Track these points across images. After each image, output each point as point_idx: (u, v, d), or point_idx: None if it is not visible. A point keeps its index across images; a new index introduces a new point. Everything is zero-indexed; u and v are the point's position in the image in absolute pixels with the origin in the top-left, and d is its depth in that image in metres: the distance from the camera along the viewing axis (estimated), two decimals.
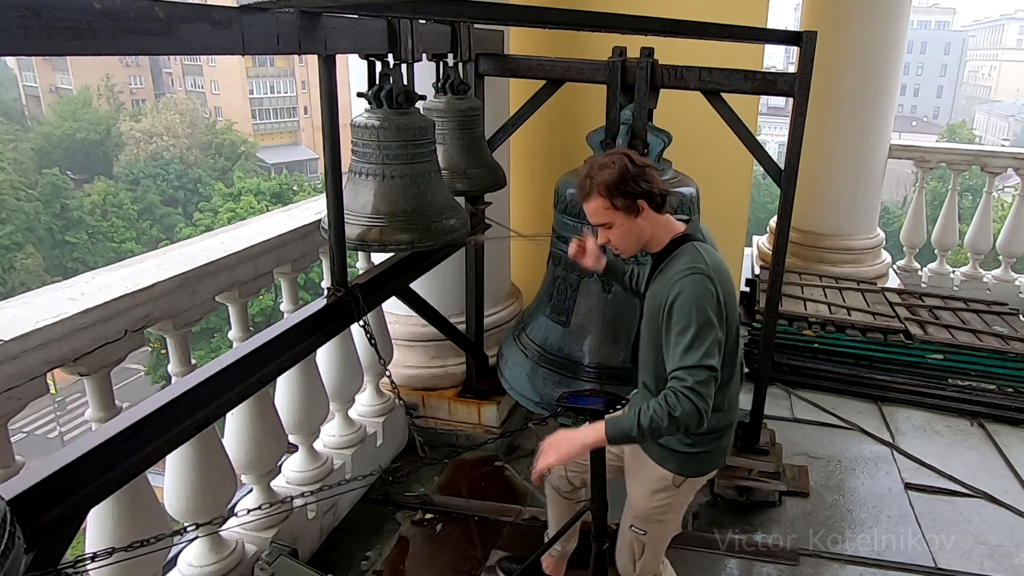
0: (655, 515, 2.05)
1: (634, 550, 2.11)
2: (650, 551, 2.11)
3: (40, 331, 1.60)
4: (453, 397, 3.53)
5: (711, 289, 1.76)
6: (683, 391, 1.67)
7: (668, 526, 2.10)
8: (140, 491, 1.91)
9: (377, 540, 2.87)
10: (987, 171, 5.67)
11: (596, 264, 2.26)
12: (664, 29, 2.49)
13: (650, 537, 2.08)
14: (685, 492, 2.04)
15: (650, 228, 1.87)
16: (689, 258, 1.81)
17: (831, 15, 5.21)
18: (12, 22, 1.14)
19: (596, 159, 1.89)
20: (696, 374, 1.68)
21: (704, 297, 1.74)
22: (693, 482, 2.03)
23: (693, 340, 1.70)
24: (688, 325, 1.71)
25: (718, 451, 2.02)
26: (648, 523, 2.07)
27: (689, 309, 1.73)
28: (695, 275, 1.76)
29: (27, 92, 45.64)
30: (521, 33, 3.64)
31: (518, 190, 3.77)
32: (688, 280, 1.76)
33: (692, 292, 1.74)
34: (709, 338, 1.71)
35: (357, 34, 2.01)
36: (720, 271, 1.82)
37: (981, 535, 2.98)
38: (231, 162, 38.85)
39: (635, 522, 2.09)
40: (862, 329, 4.28)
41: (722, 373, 1.81)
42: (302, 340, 2.13)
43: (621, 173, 1.79)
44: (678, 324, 1.73)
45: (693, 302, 1.73)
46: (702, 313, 1.72)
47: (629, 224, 1.85)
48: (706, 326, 1.71)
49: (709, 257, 1.82)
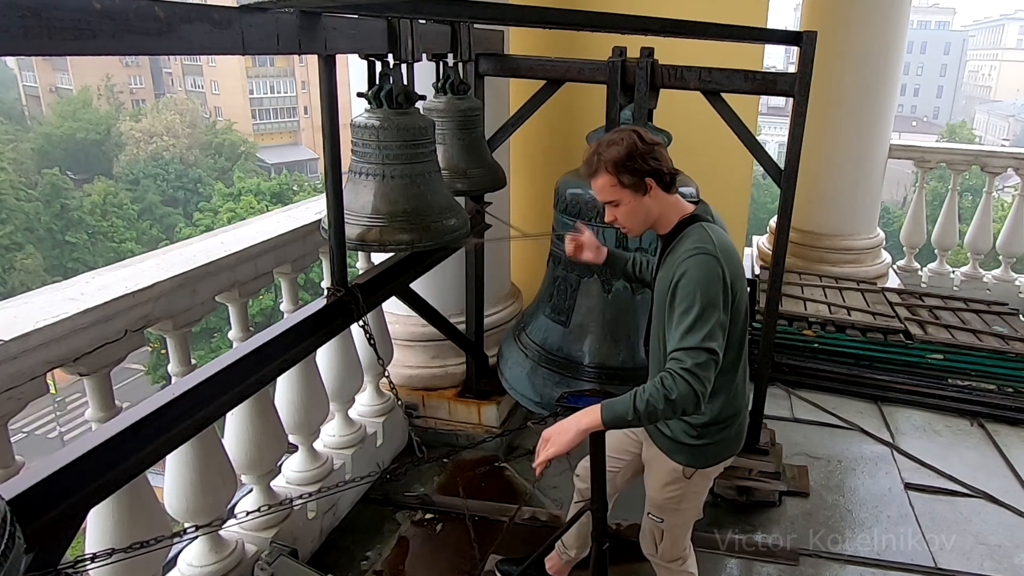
0: (669, 505, 2.06)
1: (655, 536, 2.14)
2: (669, 537, 2.12)
3: (40, 331, 1.59)
4: (453, 397, 3.53)
5: (717, 270, 1.72)
6: (680, 372, 1.63)
7: (685, 514, 2.10)
8: (140, 491, 1.91)
9: (377, 540, 2.87)
10: (987, 171, 5.67)
11: (596, 256, 2.23)
12: (664, 29, 2.49)
13: (668, 525, 2.09)
14: (698, 482, 2.03)
15: (658, 207, 1.84)
16: (696, 238, 1.78)
17: (831, 15, 5.21)
18: (12, 22, 1.13)
19: (605, 136, 1.86)
20: (695, 356, 1.64)
21: (709, 278, 1.71)
22: (705, 472, 2.02)
23: (695, 321, 1.67)
24: (691, 306, 1.68)
25: (727, 441, 1.99)
26: (664, 512, 2.08)
27: (693, 289, 1.70)
28: (701, 255, 1.73)
29: (27, 92, 45.64)
30: (521, 33, 3.64)
31: (518, 190, 3.77)
32: (694, 260, 1.73)
33: (697, 272, 1.71)
34: (712, 320, 1.67)
35: (357, 34, 2.01)
36: (728, 252, 1.78)
37: (981, 535, 2.98)
38: (231, 162, 38.84)
39: (652, 510, 2.11)
40: (862, 329, 4.28)
41: (726, 356, 1.78)
42: (302, 340, 2.12)
43: (629, 150, 1.76)
44: (681, 304, 1.70)
45: (697, 283, 1.70)
46: (706, 294, 1.69)
47: (636, 202, 1.81)
48: (709, 308, 1.68)
49: (717, 238, 1.78)
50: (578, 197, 2.76)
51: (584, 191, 2.73)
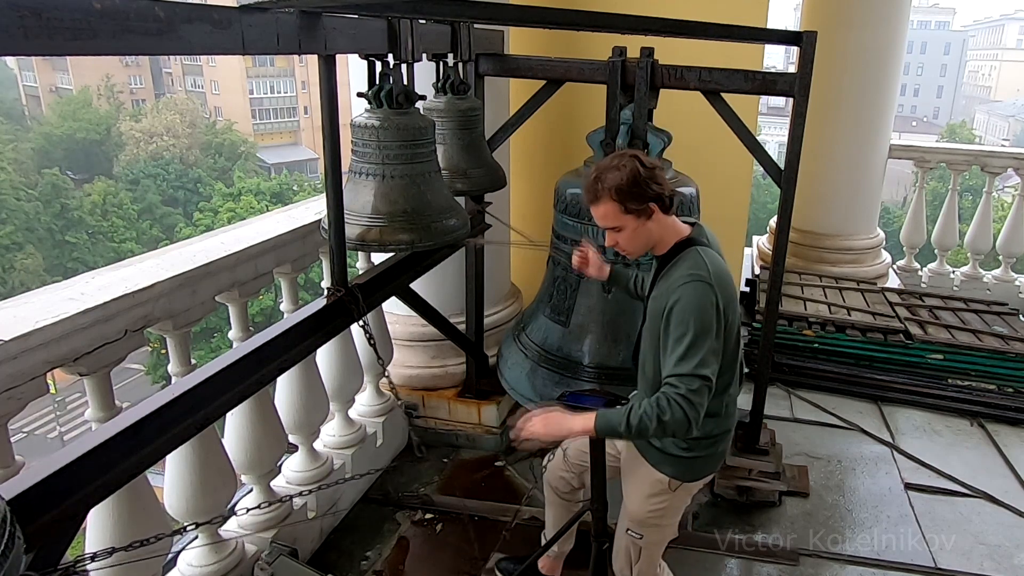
0: (651, 519, 2.05)
1: (630, 554, 2.11)
2: (646, 555, 2.10)
3: (40, 331, 1.59)
4: (453, 397, 3.53)
5: (711, 297, 1.74)
6: (675, 398, 1.67)
7: (664, 530, 2.10)
8: (140, 491, 1.91)
9: (377, 540, 2.87)
10: (987, 171, 5.66)
11: (599, 273, 2.28)
12: (664, 29, 2.49)
13: (646, 541, 2.08)
14: (681, 496, 2.04)
15: (658, 230, 1.85)
16: (691, 264, 1.80)
17: (831, 15, 5.21)
18: (12, 22, 1.13)
19: (603, 162, 1.86)
20: (689, 383, 1.68)
21: (703, 306, 1.73)
22: (689, 486, 2.03)
23: (689, 348, 1.70)
24: (685, 333, 1.71)
25: (714, 456, 2.02)
26: (644, 527, 2.06)
27: (687, 317, 1.72)
28: (696, 282, 1.75)
29: (27, 92, 45.64)
30: (521, 33, 3.64)
31: (518, 190, 3.77)
32: (689, 287, 1.75)
33: (691, 300, 1.73)
34: (705, 347, 1.70)
35: (357, 34, 2.00)
36: (722, 278, 1.80)
37: (981, 535, 2.98)
38: (231, 162, 38.84)
39: (631, 526, 2.08)
40: (862, 329, 4.28)
41: (720, 379, 1.80)
42: (302, 340, 2.12)
43: (633, 176, 1.76)
44: (676, 331, 1.73)
45: (692, 310, 1.72)
46: (699, 322, 1.71)
47: (639, 227, 1.82)
48: (702, 335, 1.71)
49: (712, 264, 1.80)
50: (578, 197, 2.76)
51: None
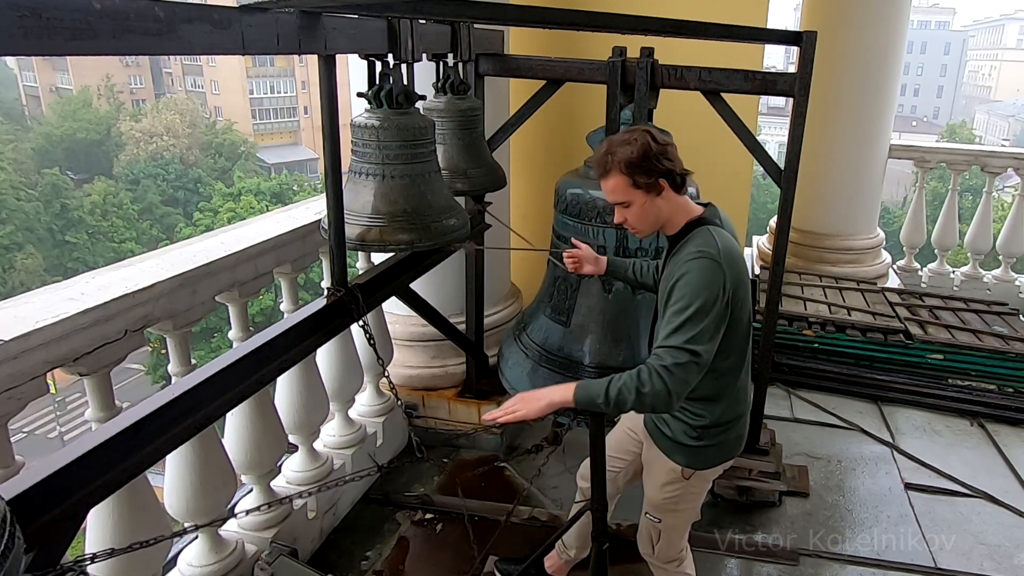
0: (667, 505, 2.06)
1: (651, 536, 2.14)
2: (666, 538, 2.12)
3: (40, 331, 1.59)
4: (453, 397, 3.53)
5: (718, 274, 1.72)
6: (658, 369, 1.63)
7: (682, 515, 2.11)
8: (140, 491, 1.91)
9: (377, 540, 2.87)
10: (987, 171, 5.66)
11: (596, 267, 2.27)
12: (664, 29, 2.49)
13: (665, 525, 2.09)
14: (696, 484, 2.03)
15: (668, 208, 1.83)
16: (701, 241, 1.77)
17: (831, 15, 5.21)
18: (12, 22, 1.13)
19: (616, 136, 1.84)
20: (676, 355, 1.64)
21: (708, 282, 1.70)
22: (704, 474, 2.02)
23: (685, 322, 1.67)
24: (684, 306, 1.68)
25: (727, 444, 1.99)
26: (661, 512, 2.08)
27: (689, 291, 1.69)
28: (703, 259, 1.73)
29: (27, 92, 45.62)
30: (521, 33, 3.64)
31: (518, 190, 3.77)
32: (695, 263, 1.73)
33: (696, 275, 1.71)
34: (701, 324, 1.67)
35: (357, 34, 2.00)
36: (732, 257, 1.77)
37: (981, 535, 2.98)
38: (231, 162, 38.83)
39: (649, 510, 2.11)
40: (862, 329, 4.28)
41: (727, 362, 1.79)
42: (302, 340, 2.12)
43: (644, 150, 1.74)
44: (675, 304, 1.71)
45: (695, 285, 1.70)
46: (700, 297, 1.68)
47: (648, 203, 1.80)
48: (701, 311, 1.67)
49: (722, 242, 1.77)
50: (578, 197, 2.76)
51: (584, 191, 2.73)
